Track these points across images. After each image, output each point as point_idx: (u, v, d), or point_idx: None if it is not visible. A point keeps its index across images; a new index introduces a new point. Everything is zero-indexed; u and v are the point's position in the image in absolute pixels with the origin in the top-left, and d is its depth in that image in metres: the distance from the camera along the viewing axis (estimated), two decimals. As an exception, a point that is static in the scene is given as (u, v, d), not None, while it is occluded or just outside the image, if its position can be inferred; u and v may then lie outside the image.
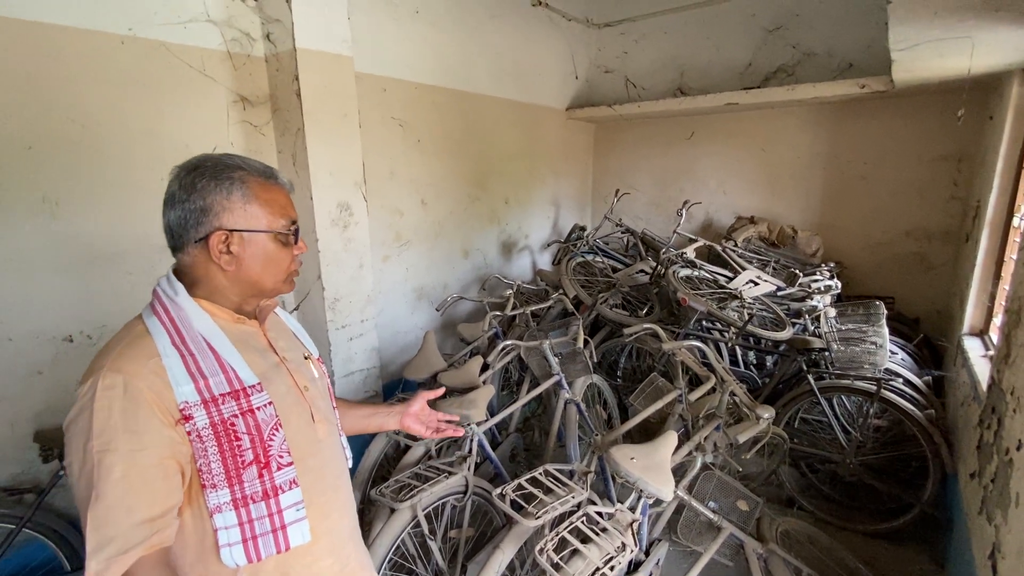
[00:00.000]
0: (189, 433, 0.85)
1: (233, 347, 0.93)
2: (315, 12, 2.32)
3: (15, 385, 1.92)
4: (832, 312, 2.73)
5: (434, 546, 1.74)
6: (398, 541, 1.66)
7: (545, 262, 4.74)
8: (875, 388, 2.40)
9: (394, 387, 3.17)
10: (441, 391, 1.43)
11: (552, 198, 4.75)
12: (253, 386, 0.92)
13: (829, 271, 3.44)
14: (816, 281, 3.22)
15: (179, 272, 0.96)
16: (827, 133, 3.94)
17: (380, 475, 2.25)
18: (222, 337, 0.93)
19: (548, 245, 4.63)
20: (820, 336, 2.77)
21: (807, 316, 2.95)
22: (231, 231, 0.92)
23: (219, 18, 2.28)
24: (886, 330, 2.55)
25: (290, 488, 0.93)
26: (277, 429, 0.93)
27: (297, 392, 1.01)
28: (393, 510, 1.68)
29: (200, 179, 0.91)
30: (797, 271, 3.25)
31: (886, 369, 2.59)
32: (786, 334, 2.70)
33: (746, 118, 4.25)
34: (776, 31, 3.99)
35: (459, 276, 3.91)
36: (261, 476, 0.90)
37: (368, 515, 2.08)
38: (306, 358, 1.11)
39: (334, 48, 2.42)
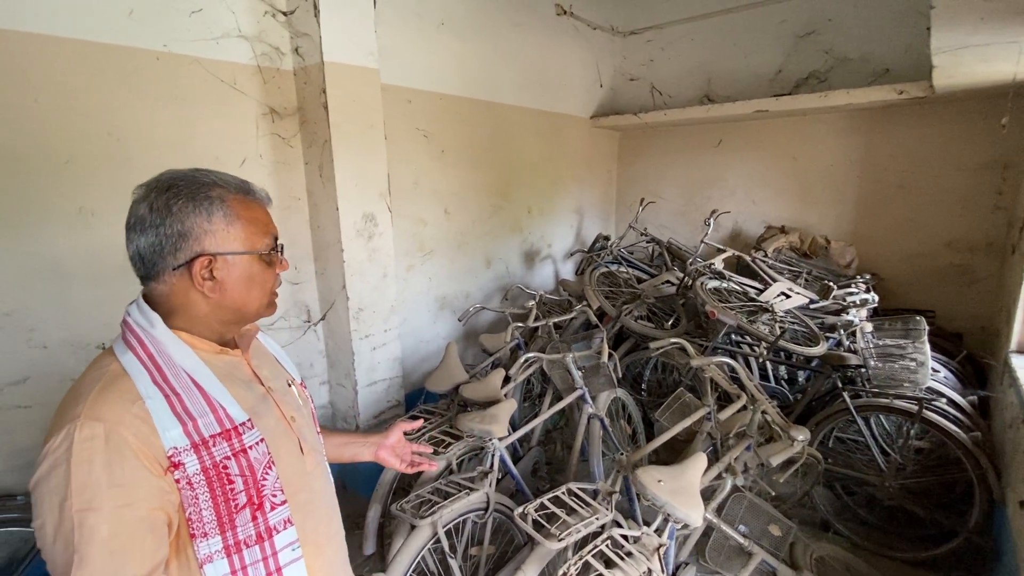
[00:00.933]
0: (178, 481, 0.79)
1: (219, 382, 0.87)
2: (343, 26, 2.35)
3: (49, 392, 1.97)
4: (869, 327, 2.62)
5: (454, 564, 1.71)
6: (418, 558, 1.63)
7: (568, 272, 4.70)
8: (916, 408, 2.29)
9: (416, 397, 3.16)
10: (419, 423, 1.37)
11: (575, 207, 4.71)
12: (244, 423, 0.86)
13: (865, 283, 3.31)
14: (851, 294, 3.10)
15: (151, 301, 0.87)
16: (862, 140, 3.82)
17: (400, 487, 2.23)
18: (207, 372, 0.86)
19: (571, 255, 4.58)
20: (856, 352, 2.66)
21: (842, 331, 2.84)
22: (215, 255, 0.85)
23: (250, 33, 2.32)
24: (928, 346, 2.43)
25: (285, 528, 0.88)
26: (270, 467, 0.88)
27: (285, 424, 0.96)
28: (413, 526, 1.66)
29: (175, 200, 0.83)
30: (831, 283, 3.13)
31: (928, 388, 2.46)
32: (820, 349, 2.60)
33: (776, 125, 4.15)
34: (808, 36, 3.89)
35: (481, 285, 3.90)
36: (255, 519, 0.85)
37: (388, 528, 2.06)
38: (290, 385, 1.06)
39: (361, 61, 2.44)
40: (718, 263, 3.24)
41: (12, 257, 1.84)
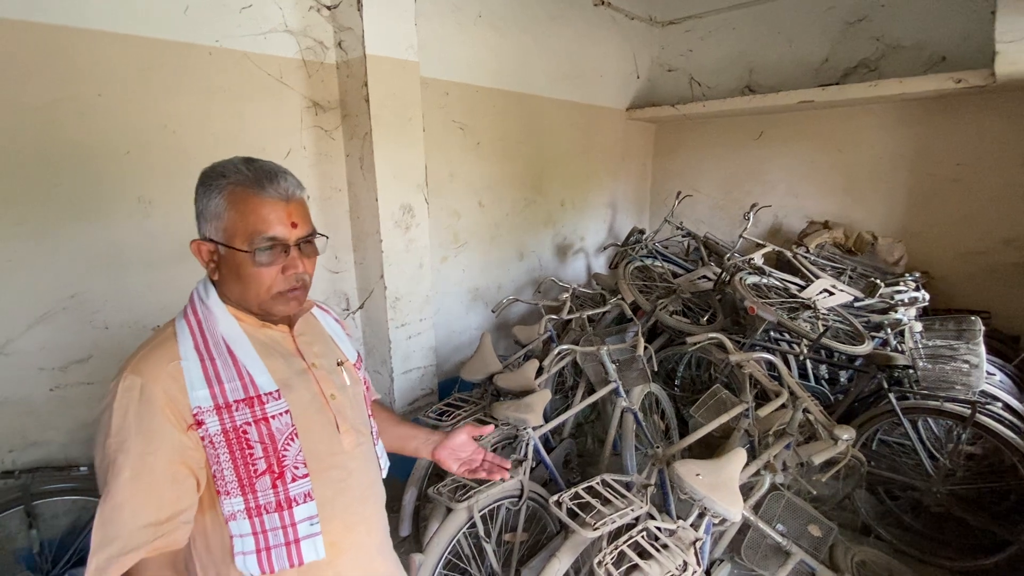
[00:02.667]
0: (203, 439, 0.84)
1: (255, 352, 0.91)
2: (384, 20, 2.38)
3: (109, 370, 2.08)
4: (918, 326, 2.51)
5: (489, 548, 1.74)
6: (454, 541, 1.67)
7: (600, 265, 4.66)
8: (969, 412, 2.19)
9: (448, 385, 3.21)
10: (489, 429, 1.29)
11: (609, 200, 4.67)
12: (269, 393, 0.89)
13: (914, 281, 3.17)
14: (899, 292, 2.98)
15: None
16: (913, 132, 3.65)
17: (435, 472, 2.28)
18: (245, 342, 0.91)
19: (604, 248, 4.55)
20: (904, 352, 2.56)
21: (889, 330, 2.73)
22: (206, 241, 0.91)
23: (296, 28, 2.39)
24: (983, 348, 2.32)
25: (304, 501, 0.90)
26: (293, 439, 0.90)
27: (322, 401, 0.97)
28: (450, 510, 1.69)
29: (198, 185, 0.91)
30: (877, 281, 3.01)
31: (981, 391, 2.35)
32: (865, 348, 2.51)
33: (821, 117, 4.00)
34: (858, 23, 3.73)
35: (513, 278, 3.91)
36: (275, 486, 0.88)
37: (424, 512, 2.11)
38: (339, 364, 1.07)
39: (401, 54, 2.48)
40: (757, 258, 3.17)
41: (78, 243, 1.95)
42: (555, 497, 1.57)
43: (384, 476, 1.12)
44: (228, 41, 2.20)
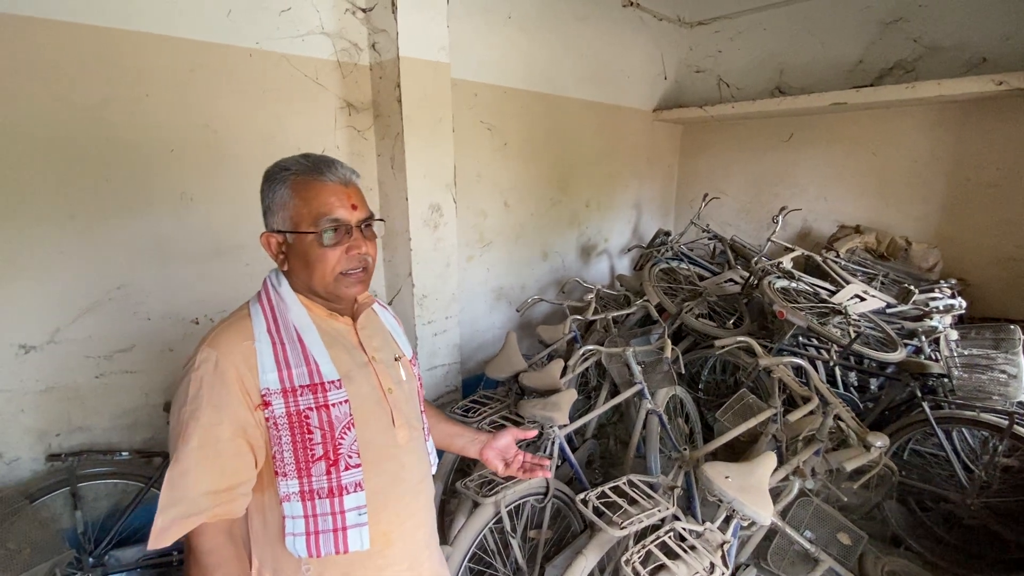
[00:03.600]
0: (268, 419, 0.88)
1: (321, 342, 0.95)
2: (418, 22, 2.43)
3: (151, 359, 2.18)
4: (954, 335, 2.46)
5: (515, 543, 1.76)
6: (480, 535, 1.69)
7: (623, 267, 4.65)
8: (1007, 423, 2.13)
9: (472, 382, 3.24)
10: (533, 433, 1.28)
11: (634, 202, 4.65)
12: (332, 382, 0.92)
13: (949, 288, 3.09)
14: (934, 299, 2.91)
15: None
16: (952, 135, 3.55)
17: (460, 468, 2.31)
18: (313, 331, 0.95)
19: (629, 250, 4.53)
20: (938, 360, 2.50)
21: (923, 337, 2.67)
22: (275, 232, 0.96)
23: (332, 30, 2.45)
24: (1021, 358, 2.26)
25: (355, 490, 0.92)
26: (349, 428, 0.93)
27: (380, 394, 1.00)
28: (477, 504, 1.72)
29: (263, 183, 0.97)
30: (911, 287, 2.95)
31: (1019, 402, 2.28)
32: (898, 356, 2.46)
33: (854, 119, 3.92)
34: (894, 23, 3.65)
35: (537, 278, 3.93)
36: (329, 473, 0.91)
37: (450, 506, 2.14)
38: (397, 359, 1.10)
39: (433, 56, 2.52)
40: (786, 262, 3.12)
41: (125, 236, 2.04)
42: (582, 495, 1.59)
43: (433, 472, 1.15)
44: (267, 43, 2.27)
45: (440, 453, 1.29)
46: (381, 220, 1.05)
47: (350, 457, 0.93)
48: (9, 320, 1.85)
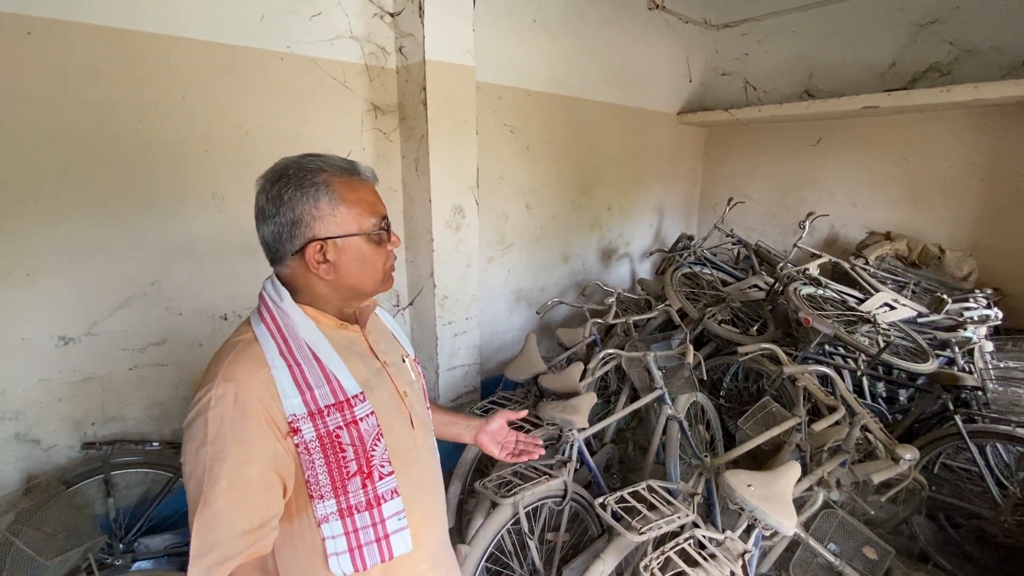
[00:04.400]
0: (297, 446, 0.85)
1: (337, 355, 0.91)
2: (444, 26, 2.46)
3: (181, 353, 2.25)
4: (989, 346, 2.39)
5: (532, 545, 1.77)
6: (498, 536, 1.70)
7: (644, 271, 4.61)
8: (1045, 439, 2.05)
9: (490, 383, 3.26)
10: (523, 413, 1.32)
11: (656, 205, 4.61)
12: (356, 396, 0.90)
13: (985, 298, 2.99)
14: (968, 309, 2.82)
15: (281, 280, 0.94)
16: (989, 140, 3.44)
17: (479, 467, 2.32)
18: (326, 345, 0.91)
19: (650, 254, 4.50)
20: (972, 372, 2.42)
21: (956, 348, 2.59)
22: (324, 239, 0.89)
23: (360, 34, 2.49)
24: (1062, 372, 2.17)
25: (392, 497, 0.92)
26: (379, 439, 0.92)
27: (398, 398, 0.99)
28: (495, 504, 1.73)
29: (286, 190, 0.87)
30: (944, 296, 2.86)
31: (1059, 418, 2.20)
32: (930, 367, 2.39)
33: (886, 123, 3.83)
34: (929, 26, 3.55)
35: (557, 280, 3.93)
36: (364, 486, 0.90)
37: (468, 506, 2.15)
38: (404, 360, 1.09)
39: (459, 59, 2.54)
40: (813, 269, 3.06)
41: (159, 234, 2.11)
42: (601, 499, 1.58)
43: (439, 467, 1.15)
44: (298, 47, 2.32)
45: (459, 453, 1.32)
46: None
47: (382, 467, 0.92)
48: (51, 312, 1.93)
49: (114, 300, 2.05)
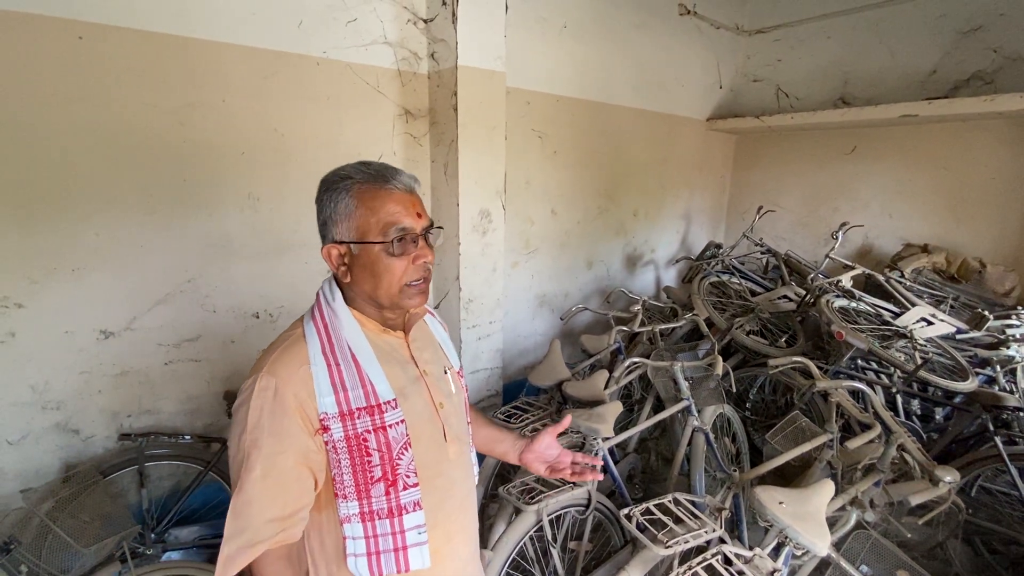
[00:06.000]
0: (326, 443, 0.87)
1: (376, 360, 0.93)
2: (476, 32, 2.47)
3: (214, 350, 2.30)
4: (1034, 366, 2.29)
5: (555, 553, 1.76)
6: (521, 543, 1.70)
7: (670, 278, 4.56)
8: (1094, 465, 1.96)
9: (512, 388, 3.26)
10: (567, 423, 1.23)
11: (684, 212, 4.56)
12: (388, 402, 0.91)
13: (1029, 315, 2.88)
14: (1011, 326, 2.71)
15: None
16: (1035, 151, 3.31)
17: (500, 473, 2.32)
18: (367, 348, 0.93)
19: (676, 261, 4.45)
20: (1014, 392, 2.33)
21: (998, 367, 2.49)
22: (340, 243, 0.92)
23: (394, 40, 2.53)
24: (1113, 396, 2.07)
25: (414, 510, 0.92)
26: (407, 448, 0.92)
27: (432, 409, 0.99)
28: (518, 511, 1.73)
29: (322, 192, 0.93)
30: (985, 312, 2.76)
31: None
32: (970, 385, 2.31)
33: (924, 132, 3.72)
34: (972, 33, 3.45)
35: (581, 286, 3.91)
36: (388, 494, 0.90)
37: (490, 512, 2.15)
38: (446, 371, 1.08)
39: (490, 65, 2.56)
40: (846, 280, 2.99)
41: (198, 232, 2.16)
42: (626, 510, 1.57)
43: (475, 482, 1.14)
44: (334, 52, 2.37)
45: (481, 458, 1.28)
46: (440, 228, 1.00)
47: (408, 477, 0.92)
48: (93, 307, 1.99)
49: (153, 296, 2.11)
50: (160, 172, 2.05)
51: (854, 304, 2.83)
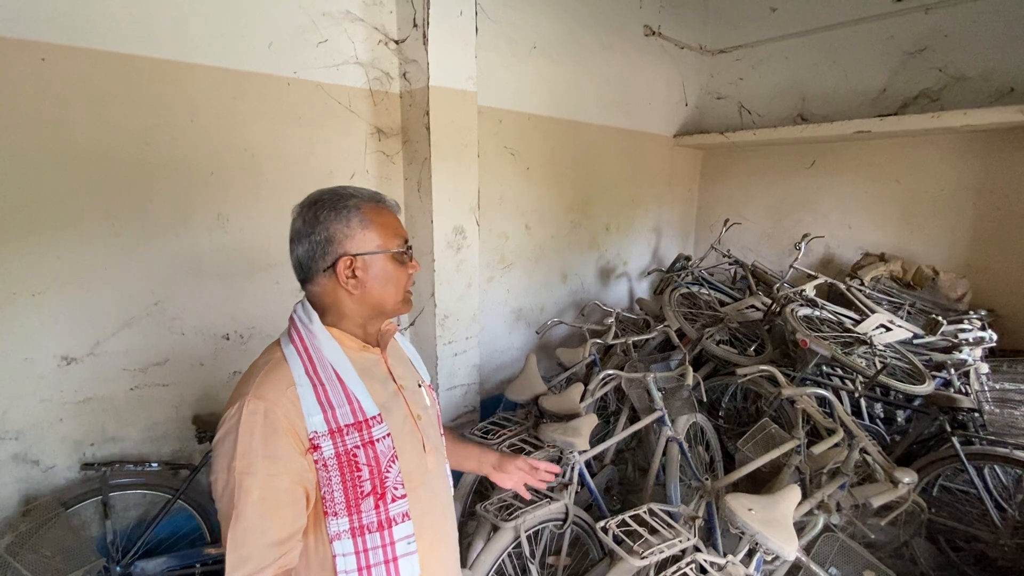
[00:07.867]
0: (316, 462, 0.88)
1: (358, 377, 0.96)
2: (447, 53, 2.52)
3: (183, 373, 2.25)
4: (984, 368, 2.41)
5: (533, 569, 1.76)
6: (500, 560, 1.69)
7: (642, 290, 4.65)
8: (1042, 462, 2.07)
9: (490, 403, 3.25)
10: (551, 466, 1.41)
11: (654, 225, 4.67)
12: (374, 417, 0.94)
13: (980, 320, 3.03)
14: (963, 331, 2.85)
15: (311, 300, 1.01)
16: (979, 164, 3.52)
17: (478, 490, 2.31)
18: (349, 367, 0.96)
19: (648, 273, 4.54)
20: (968, 394, 2.45)
21: (952, 370, 2.61)
22: (355, 255, 0.96)
23: (365, 60, 2.55)
24: (1057, 394, 2.19)
25: (402, 520, 0.94)
26: (394, 461, 0.94)
27: (412, 422, 1.03)
28: (496, 528, 1.73)
29: (321, 211, 0.96)
30: (939, 318, 2.90)
31: (1056, 440, 2.22)
32: (926, 388, 2.42)
33: (878, 147, 3.91)
34: (919, 53, 3.66)
35: (556, 299, 3.96)
36: (377, 507, 0.92)
37: (468, 529, 2.14)
38: (420, 385, 1.13)
39: (461, 85, 2.60)
40: (809, 290, 3.10)
41: (164, 254, 2.12)
42: (602, 523, 1.58)
43: (452, 494, 1.17)
44: (305, 72, 2.38)
45: (457, 476, 1.32)
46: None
47: (396, 488, 0.94)
48: (54, 332, 1.93)
49: (117, 320, 2.06)
50: (125, 193, 2.01)
51: (817, 312, 2.93)
